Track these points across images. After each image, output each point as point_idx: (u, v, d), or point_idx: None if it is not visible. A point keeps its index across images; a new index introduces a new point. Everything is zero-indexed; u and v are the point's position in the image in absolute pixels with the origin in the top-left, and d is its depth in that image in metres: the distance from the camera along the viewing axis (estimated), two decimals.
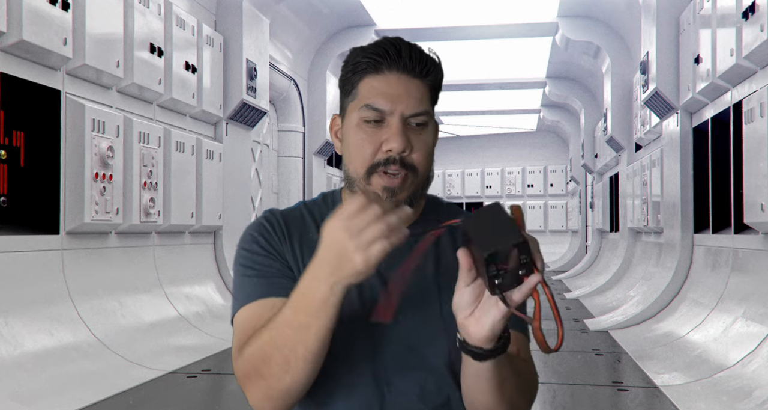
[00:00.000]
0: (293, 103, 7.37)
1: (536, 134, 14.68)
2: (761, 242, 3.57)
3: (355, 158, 1.06)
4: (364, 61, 1.04)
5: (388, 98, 1.03)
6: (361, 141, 1.05)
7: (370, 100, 1.04)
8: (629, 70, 7.22)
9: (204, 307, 4.60)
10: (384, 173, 1.04)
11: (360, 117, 1.05)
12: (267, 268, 1.07)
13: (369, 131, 1.04)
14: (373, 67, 1.04)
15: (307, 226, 1.12)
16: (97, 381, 3.08)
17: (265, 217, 1.13)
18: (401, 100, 1.03)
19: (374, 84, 1.04)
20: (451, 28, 7.55)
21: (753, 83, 3.68)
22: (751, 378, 2.95)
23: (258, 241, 1.09)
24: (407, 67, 1.04)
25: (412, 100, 1.04)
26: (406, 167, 1.04)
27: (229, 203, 5.39)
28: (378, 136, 1.04)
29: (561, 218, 14.49)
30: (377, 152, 1.04)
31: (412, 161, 1.04)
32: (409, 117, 1.04)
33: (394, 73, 1.04)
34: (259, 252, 1.08)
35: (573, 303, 6.70)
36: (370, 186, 1.04)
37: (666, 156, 5.41)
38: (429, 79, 1.06)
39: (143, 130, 4.04)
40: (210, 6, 5.30)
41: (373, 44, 1.06)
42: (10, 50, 3.09)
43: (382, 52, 1.04)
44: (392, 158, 1.03)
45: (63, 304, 3.38)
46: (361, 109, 1.04)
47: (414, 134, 1.04)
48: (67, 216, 3.46)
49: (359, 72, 1.05)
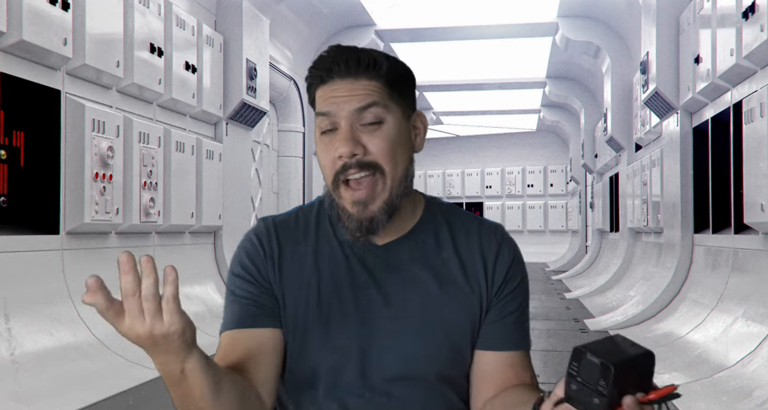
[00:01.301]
0: (293, 103, 7.38)
1: (536, 134, 14.68)
2: (761, 242, 3.57)
3: (323, 172, 1.05)
4: (312, 74, 1.04)
5: (333, 101, 1.01)
6: (321, 153, 1.04)
7: (320, 108, 1.03)
8: (629, 70, 7.22)
9: (204, 307, 4.60)
10: (346, 183, 1.01)
11: (318, 129, 1.04)
12: (246, 294, 1.06)
13: (326, 141, 1.03)
14: (319, 78, 1.03)
15: (300, 236, 1.10)
16: (97, 381, 3.08)
17: (255, 232, 1.11)
18: (344, 101, 1.01)
19: (322, 93, 1.03)
20: (451, 28, 7.55)
21: (753, 83, 3.68)
22: (751, 378, 2.95)
23: (243, 263, 1.08)
24: (346, 69, 1.01)
25: (355, 98, 1.01)
26: (367, 168, 1.00)
27: (229, 203, 5.39)
28: (332, 145, 1.01)
29: (561, 218, 14.49)
30: (335, 161, 1.01)
31: (372, 160, 1.00)
32: (357, 115, 1.01)
33: (336, 79, 1.02)
34: (242, 275, 1.07)
35: (573, 303, 6.70)
36: (342, 199, 1.02)
37: (666, 156, 5.41)
38: (376, 74, 1.02)
39: (143, 130, 4.04)
40: (210, 6, 5.30)
41: (317, 57, 1.05)
42: (10, 50, 3.09)
43: (321, 63, 1.03)
44: (348, 164, 1.00)
45: (63, 304, 3.38)
46: (316, 118, 1.04)
47: (367, 133, 1.01)
48: (67, 216, 3.46)
49: (312, 86, 1.05)
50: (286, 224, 1.11)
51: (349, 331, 1.04)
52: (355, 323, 1.04)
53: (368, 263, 1.07)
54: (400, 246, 1.08)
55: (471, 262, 1.08)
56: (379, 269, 1.06)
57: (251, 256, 1.08)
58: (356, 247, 1.07)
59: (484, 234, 1.10)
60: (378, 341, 1.04)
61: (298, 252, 1.08)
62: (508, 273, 1.09)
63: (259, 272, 1.07)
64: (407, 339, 1.04)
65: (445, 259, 1.08)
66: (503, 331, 1.07)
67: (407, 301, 1.05)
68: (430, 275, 1.06)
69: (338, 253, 1.07)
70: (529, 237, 14.39)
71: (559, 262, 12.36)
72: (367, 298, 1.05)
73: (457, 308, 1.06)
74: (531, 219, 14.64)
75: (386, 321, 1.04)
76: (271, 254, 1.07)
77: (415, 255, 1.07)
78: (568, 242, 13.84)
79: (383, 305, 1.05)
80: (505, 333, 1.07)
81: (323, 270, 1.06)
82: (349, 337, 1.03)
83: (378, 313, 1.04)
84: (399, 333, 1.04)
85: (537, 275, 10.34)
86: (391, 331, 1.04)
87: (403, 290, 1.05)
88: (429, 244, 1.09)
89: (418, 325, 1.04)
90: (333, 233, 1.09)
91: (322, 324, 1.04)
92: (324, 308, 1.04)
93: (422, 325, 1.04)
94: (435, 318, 1.05)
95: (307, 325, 1.05)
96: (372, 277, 1.06)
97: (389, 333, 1.04)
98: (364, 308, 1.05)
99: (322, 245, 1.08)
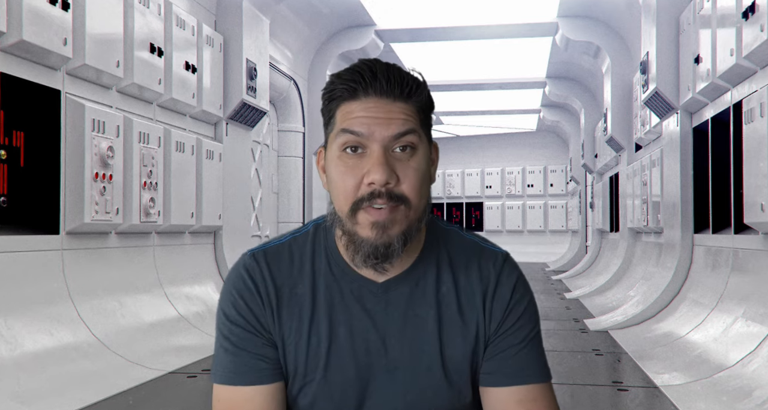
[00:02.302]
0: (293, 103, 7.38)
1: (536, 134, 14.69)
2: (761, 242, 3.57)
3: (338, 194, 0.96)
4: (339, 88, 0.96)
5: (365, 122, 0.94)
6: (341, 174, 0.95)
7: (345, 125, 0.95)
8: (629, 70, 7.22)
9: (204, 307, 4.60)
10: (371, 207, 0.94)
11: (338, 145, 0.96)
12: (244, 344, 1.01)
13: (350, 162, 0.95)
14: (349, 93, 0.95)
15: (295, 274, 1.04)
16: (97, 381, 3.08)
17: (248, 270, 1.04)
18: (380, 123, 0.94)
19: (350, 109, 0.95)
20: (451, 28, 7.55)
21: (753, 83, 3.68)
22: (751, 378, 2.95)
23: (237, 306, 1.02)
24: (384, 89, 0.95)
25: (393, 122, 0.94)
26: (395, 200, 0.94)
27: (229, 203, 5.39)
28: (359, 167, 0.94)
29: (561, 218, 14.49)
30: (360, 185, 0.94)
31: (401, 192, 0.94)
32: (393, 141, 0.94)
33: (371, 97, 0.95)
34: (238, 321, 1.02)
35: (573, 303, 6.70)
36: (357, 225, 0.95)
37: (666, 156, 5.41)
38: (413, 100, 0.96)
39: (143, 130, 4.04)
40: (210, 6, 5.30)
41: (349, 69, 0.97)
42: (10, 50, 3.09)
43: (356, 76, 0.95)
44: (377, 192, 0.93)
45: (63, 304, 3.38)
46: (338, 135, 0.96)
47: (400, 162, 0.95)
48: (67, 216, 3.46)
49: (335, 99, 0.97)
50: (280, 259, 1.05)
51: (347, 379, 1.01)
52: (352, 371, 1.01)
53: (367, 303, 1.03)
54: (400, 284, 1.04)
55: (470, 296, 1.05)
56: (378, 309, 1.03)
57: (248, 302, 1.02)
58: (354, 285, 1.03)
59: (483, 265, 1.06)
60: (376, 388, 1.02)
61: (295, 294, 1.03)
62: (508, 306, 1.05)
63: (258, 322, 1.02)
64: (405, 386, 1.02)
65: (444, 294, 1.04)
66: (506, 365, 1.03)
67: (406, 344, 1.02)
68: (429, 314, 1.03)
69: (335, 294, 1.03)
70: (529, 237, 14.40)
71: (559, 262, 12.35)
72: (365, 344, 1.02)
73: (456, 346, 1.03)
74: (531, 219, 14.64)
75: (384, 369, 1.02)
76: (269, 301, 1.02)
77: (415, 293, 1.04)
78: (568, 242, 13.84)
79: (382, 351, 1.02)
80: (508, 367, 1.03)
81: (321, 315, 1.03)
82: (346, 385, 1.01)
83: (376, 361, 1.02)
84: (397, 379, 1.01)
85: (537, 275, 10.35)
86: (389, 378, 1.02)
87: (402, 332, 1.02)
88: (429, 280, 1.04)
89: (416, 370, 1.02)
90: (329, 269, 1.04)
91: (320, 372, 1.02)
92: (322, 355, 1.02)
93: (420, 370, 1.02)
94: (434, 359, 1.02)
95: (306, 372, 1.02)
96: (371, 320, 1.02)
97: (387, 381, 1.02)
98: (362, 354, 1.02)
99: (318, 284, 1.04)
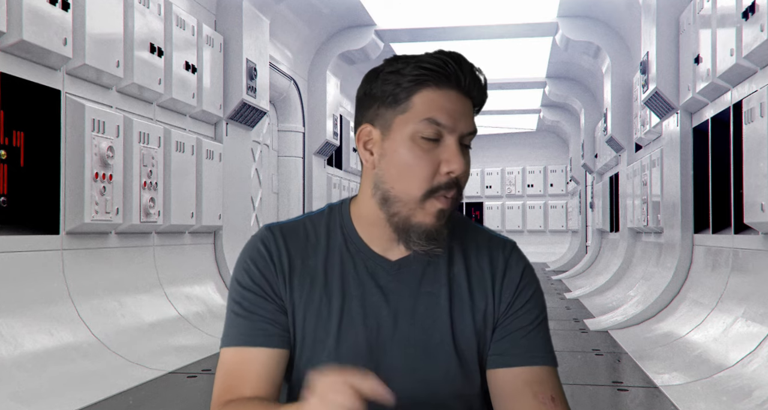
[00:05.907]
0: (293, 103, 7.38)
1: (536, 134, 14.69)
2: (761, 242, 3.56)
3: (408, 179, 0.98)
4: (425, 72, 0.97)
5: (451, 115, 0.97)
6: (416, 160, 0.97)
7: (432, 114, 0.97)
8: (629, 70, 7.22)
9: (204, 307, 4.60)
10: (444, 196, 0.98)
11: (416, 131, 0.97)
12: (255, 308, 1.03)
13: (426, 149, 0.97)
14: (434, 80, 0.98)
15: (309, 248, 1.06)
16: (97, 381, 3.08)
17: (262, 240, 1.06)
18: (461, 119, 0.98)
19: (434, 97, 0.97)
20: (451, 28, 7.55)
21: (753, 83, 3.68)
22: (751, 378, 2.95)
23: (251, 273, 1.05)
24: (465, 85, 0.99)
25: (469, 119, 1.00)
26: (458, 188, 1.00)
27: (229, 203, 5.39)
28: (435, 155, 0.97)
29: (561, 218, 14.49)
30: (435, 173, 0.97)
31: (462, 184, 1.01)
32: (464, 137, 1.00)
33: (456, 91, 0.99)
34: (250, 287, 1.04)
35: (573, 303, 6.70)
36: (421, 210, 0.98)
37: (666, 156, 5.41)
38: (477, 100, 1.02)
39: (143, 130, 4.04)
40: (210, 6, 5.30)
41: (433, 56, 0.99)
42: (10, 50, 3.09)
43: (449, 68, 0.98)
44: (453, 181, 0.98)
45: (63, 304, 3.38)
46: (420, 122, 0.97)
47: (465, 155, 1.00)
48: (67, 216, 3.46)
49: (418, 83, 0.98)
50: (295, 234, 1.07)
51: (358, 353, 1.02)
52: (363, 345, 1.02)
53: (380, 280, 1.04)
54: (412, 262, 1.05)
55: (479, 279, 1.07)
56: (391, 287, 1.04)
57: (261, 269, 1.04)
58: (369, 262, 1.05)
59: (493, 251, 1.10)
60: (387, 364, 1.02)
61: (308, 266, 1.05)
62: (517, 289, 1.08)
63: (271, 288, 1.04)
64: (416, 362, 1.02)
65: (456, 273, 1.07)
66: (515, 346, 1.05)
67: (417, 321, 1.03)
68: (441, 291, 1.05)
69: (349, 269, 1.05)
70: (529, 237, 14.39)
71: (559, 262, 12.35)
72: (377, 319, 1.03)
73: (467, 325, 1.05)
74: (531, 219, 14.64)
75: (395, 343, 1.03)
76: (281, 268, 1.04)
77: (427, 271, 1.06)
78: (568, 242, 13.85)
79: (393, 326, 1.03)
80: (517, 347, 1.04)
81: (333, 288, 1.04)
82: (357, 359, 1.01)
83: (388, 335, 1.03)
84: (408, 355, 1.02)
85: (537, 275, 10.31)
86: (400, 354, 1.02)
87: (414, 309, 1.04)
88: (441, 260, 1.06)
89: (428, 346, 1.03)
90: (345, 246, 1.06)
91: (331, 345, 1.02)
92: (333, 328, 1.02)
93: (432, 346, 1.03)
94: (445, 337, 1.03)
95: (316, 344, 1.03)
96: (383, 296, 1.04)
97: (398, 356, 1.02)
98: (374, 329, 1.03)
99: (332, 259, 1.05)
